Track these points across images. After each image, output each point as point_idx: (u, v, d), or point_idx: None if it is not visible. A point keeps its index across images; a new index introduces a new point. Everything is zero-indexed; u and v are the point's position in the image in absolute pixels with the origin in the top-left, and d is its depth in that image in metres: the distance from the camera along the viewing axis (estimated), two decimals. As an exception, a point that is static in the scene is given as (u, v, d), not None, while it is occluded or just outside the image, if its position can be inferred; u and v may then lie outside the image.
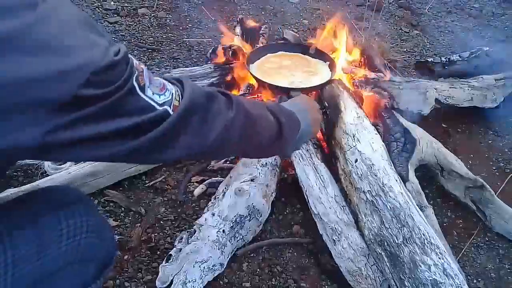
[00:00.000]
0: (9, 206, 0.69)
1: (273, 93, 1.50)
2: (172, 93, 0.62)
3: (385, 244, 1.10)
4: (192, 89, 0.66)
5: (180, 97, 0.64)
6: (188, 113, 0.63)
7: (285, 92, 1.42)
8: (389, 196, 1.14)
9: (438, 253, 1.04)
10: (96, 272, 0.76)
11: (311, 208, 1.24)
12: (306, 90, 1.44)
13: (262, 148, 0.85)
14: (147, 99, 0.57)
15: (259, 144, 0.82)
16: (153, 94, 0.58)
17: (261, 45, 1.77)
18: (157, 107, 0.59)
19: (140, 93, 0.56)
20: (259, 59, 1.60)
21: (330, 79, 1.48)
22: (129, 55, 0.57)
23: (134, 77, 0.55)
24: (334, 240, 1.18)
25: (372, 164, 1.21)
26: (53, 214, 0.67)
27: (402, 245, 1.07)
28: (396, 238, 1.08)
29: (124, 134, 0.56)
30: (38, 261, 0.64)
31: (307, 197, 1.26)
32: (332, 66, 1.56)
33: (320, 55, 1.62)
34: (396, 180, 1.20)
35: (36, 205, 0.68)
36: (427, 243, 1.05)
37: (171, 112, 0.60)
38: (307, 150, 1.34)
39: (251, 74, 1.50)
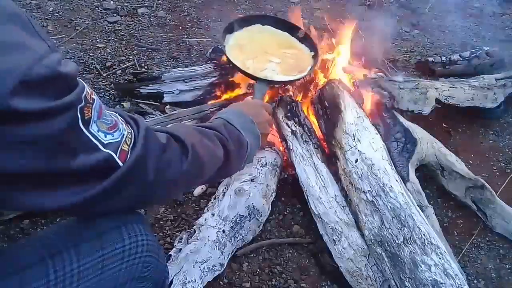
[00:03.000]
0: (74, 223, 0.70)
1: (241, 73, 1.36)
2: (123, 135, 0.56)
3: (386, 244, 1.09)
4: (146, 138, 0.59)
5: (132, 142, 0.57)
6: (138, 168, 0.57)
7: (252, 79, 1.31)
8: (390, 196, 1.14)
9: (439, 253, 1.04)
10: None
11: (311, 208, 1.24)
12: (273, 83, 1.34)
13: (208, 180, 0.85)
14: (89, 135, 0.50)
15: (206, 180, 0.81)
16: (98, 131, 0.51)
17: (248, 14, 1.64)
18: (100, 147, 0.52)
19: (82, 127, 0.49)
20: (241, 29, 1.42)
21: (302, 76, 1.35)
22: (81, 80, 0.50)
23: (78, 107, 0.48)
24: (335, 240, 1.18)
25: (373, 164, 1.21)
26: (117, 231, 0.67)
27: (403, 245, 1.07)
28: (397, 238, 1.08)
29: (54, 179, 0.49)
30: (101, 274, 0.63)
31: (307, 197, 1.26)
32: (315, 58, 1.40)
33: (307, 42, 1.44)
34: (397, 180, 1.19)
35: (100, 222, 0.68)
36: (428, 243, 1.05)
37: (117, 160, 0.53)
38: (307, 150, 1.34)
39: (223, 50, 1.36)
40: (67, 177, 0.50)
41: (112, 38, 2.15)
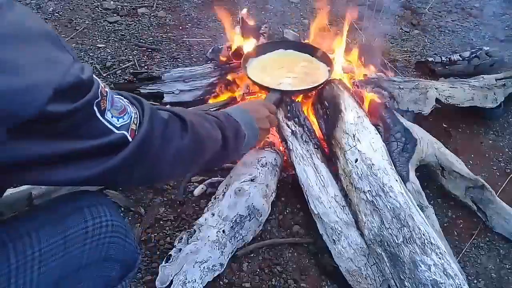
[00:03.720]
0: (40, 207, 0.73)
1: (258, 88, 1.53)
2: (131, 116, 0.63)
3: (385, 244, 1.09)
4: (150, 115, 0.67)
5: (138, 121, 0.64)
6: (145, 142, 0.64)
7: (266, 90, 1.45)
8: (389, 196, 1.14)
9: (438, 253, 1.04)
10: (120, 274, 0.77)
11: (311, 208, 1.24)
12: (285, 93, 1.44)
13: (206, 163, 0.89)
14: (105, 122, 0.59)
15: (204, 161, 0.86)
16: (112, 117, 0.60)
17: (273, 40, 1.80)
18: (115, 130, 0.60)
19: (99, 117, 0.58)
20: (265, 53, 1.61)
21: (313, 87, 1.47)
22: (95, 77, 0.58)
23: (95, 102, 0.56)
24: (334, 240, 1.18)
25: (372, 164, 1.21)
26: (78, 212, 0.69)
27: (402, 245, 1.07)
28: (396, 238, 1.08)
29: (80, 157, 0.56)
30: (64, 256, 0.66)
31: (307, 197, 1.26)
32: (330, 72, 1.54)
33: (325, 59, 1.60)
34: (396, 180, 1.19)
35: (63, 205, 0.71)
36: (427, 243, 1.05)
37: (129, 138, 0.61)
38: (307, 150, 1.34)
39: (243, 68, 1.52)
40: (85, 155, 0.57)
41: (112, 38, 2.15)
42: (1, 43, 0.47)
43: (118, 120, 0.60)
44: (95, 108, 0.56)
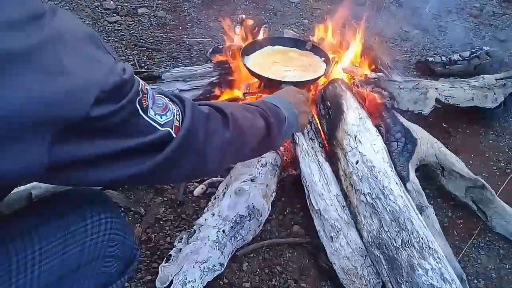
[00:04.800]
0: (38, 204, 0.73)
1: (266, 85, 1.53)
2: (174, 113, 0.64)
3: (384, 247, 1.09)
4: (192, 111, 0.67)
5: (181, 117, 0.65)
6: (189, 137, 0.65)
7: (277, 85, 1.43)
8: (389, 199, 1.14)
9: (436, 257, 1.04)
10: (120, 270, 0.78)
11: (311, 204, 1.23)
12: (298, 84, 1.42)
13: (252, 153, 0.90)
14: (149, 120, 0.59)
15: (250, 151, 0.86)
16: (155, 114, 0.60)
17: (258, 38, 1.78)
18: (159, 127, 0.60)
19: (143, 114, 0.58)
20: (255, 51, 1.63)
21: (322, 74, 1.50)
22: (135, 76, 0.58)
23: (137, 100, 0.57)
24: (332, 237, 1.17)
25: (373, 166, 1.21)
26: (78, 211, 0.70)
27: (400, 248, 1.06)
28: (395, 241, 1.08)
29: (127, 155, 0.57)
30: (64, 255, 0.66)
31: (308, 192, 1.25)
32: (327, 62, 1.58)
33: (316, 50, 1.64)
34: (397, 183, 1.19)
35: (63, 203, 0.71)
36: (425, 247, 1.05)
37: (173, 134, 0.62)
38: (313, 148, 1.34)
39: (244, 66, 1.52)
40: (130, 153, 0.57)
41: (112, 38, 2.15)
42: (46, 47, 0.47)
43: (161, 118, 0.61)
44: (137, 106, 0.57)
